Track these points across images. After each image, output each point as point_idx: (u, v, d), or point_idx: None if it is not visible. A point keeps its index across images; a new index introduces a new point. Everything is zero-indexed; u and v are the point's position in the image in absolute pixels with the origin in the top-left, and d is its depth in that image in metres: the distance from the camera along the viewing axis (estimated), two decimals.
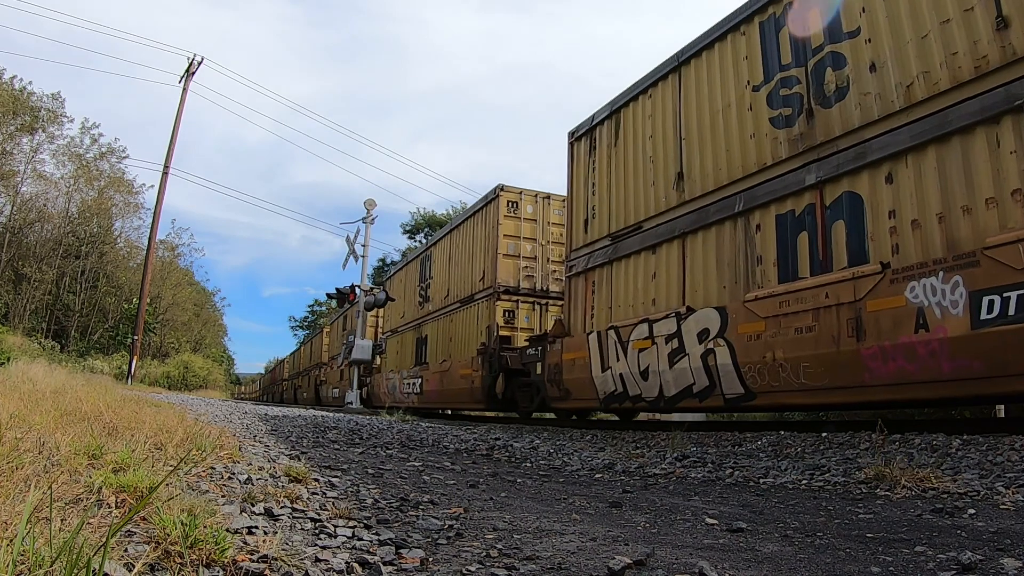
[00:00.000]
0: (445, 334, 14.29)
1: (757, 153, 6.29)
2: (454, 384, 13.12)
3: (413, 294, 17.25)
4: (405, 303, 17.90)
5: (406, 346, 17.23)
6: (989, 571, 1.66)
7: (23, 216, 32.08)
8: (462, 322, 13.33)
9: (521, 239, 12.29)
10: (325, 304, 56.82)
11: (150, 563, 1.38)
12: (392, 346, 18.62)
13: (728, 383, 6.18)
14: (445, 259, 15.11)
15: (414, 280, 17.45)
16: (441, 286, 15.06)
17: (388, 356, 18.91)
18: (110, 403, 4.84)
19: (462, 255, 13.98)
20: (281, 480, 2.75)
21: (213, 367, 43.00)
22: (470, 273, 13.30)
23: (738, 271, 6.27)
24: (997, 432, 4.41)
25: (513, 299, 12.12)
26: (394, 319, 19.09)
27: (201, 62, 24.91)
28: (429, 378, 14.83)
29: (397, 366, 17.80)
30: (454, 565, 1.69)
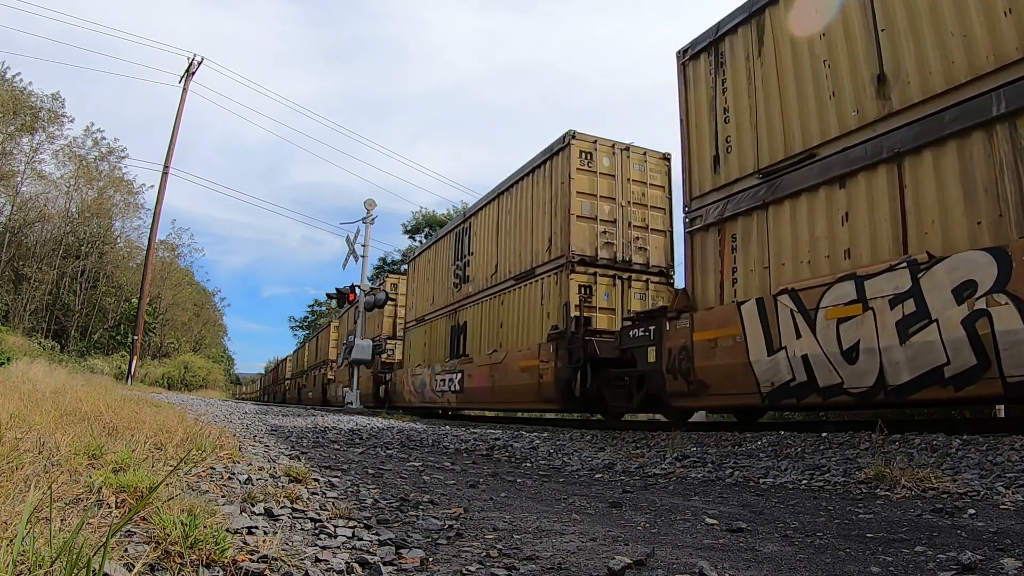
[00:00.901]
0: (493, 319, 11.99)
1: (1020, 33, 4.44)
2: (511, 379, 10.69)
3: (445, 276, 14.88)
4: (435, 287, 15.52)
5: (437, 336, 14.88)
6: (989, 571, 1.66)
7: (23, 216, 32.09)
8: (519, 303, 11.09)
9: (598, 198, 9.97)
10: (325, 304, 56.81)
11: (150, 563, 1.38)
12: (417, 338, 16.37)
13: (1016, 359, 4.22)
14: (490, 229, 12.66)
15: (446, 259, 14.99)
16: (486, 262, 12.72)
17: (413, 349, 16.69)
18: (110, 403, 4.84)
19: (517, 222, 11.58)
20: (281, 480, 2.75)
21: (213, 367, 43.03)
22: (529, 242, 10.98)
23: (1008, 198, 4.45)
24: (997, 432, 4.41)
25: (590, 271, 9.78)
26: (420, 307, 16.66)
27: (201, 62, 24.94)
28: (473, 373, 12.29)
29: (426, 360, 15.43)
30: (454, 565, 1.69)
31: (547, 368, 9.64)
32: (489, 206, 12.90)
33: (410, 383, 16.10)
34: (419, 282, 17.08)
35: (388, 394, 18.14)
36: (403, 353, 17.79)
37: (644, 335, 7.66)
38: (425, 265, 16.65)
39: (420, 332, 16.19)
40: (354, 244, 20.04)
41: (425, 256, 16.90)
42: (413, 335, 16.84)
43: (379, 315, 21.06)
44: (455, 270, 14.27)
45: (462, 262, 13.96)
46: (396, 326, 20.53)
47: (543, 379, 9.73)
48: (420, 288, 16.79)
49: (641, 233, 10.29)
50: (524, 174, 11.49)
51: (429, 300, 15.78)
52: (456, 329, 13.68)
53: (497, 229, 12.39)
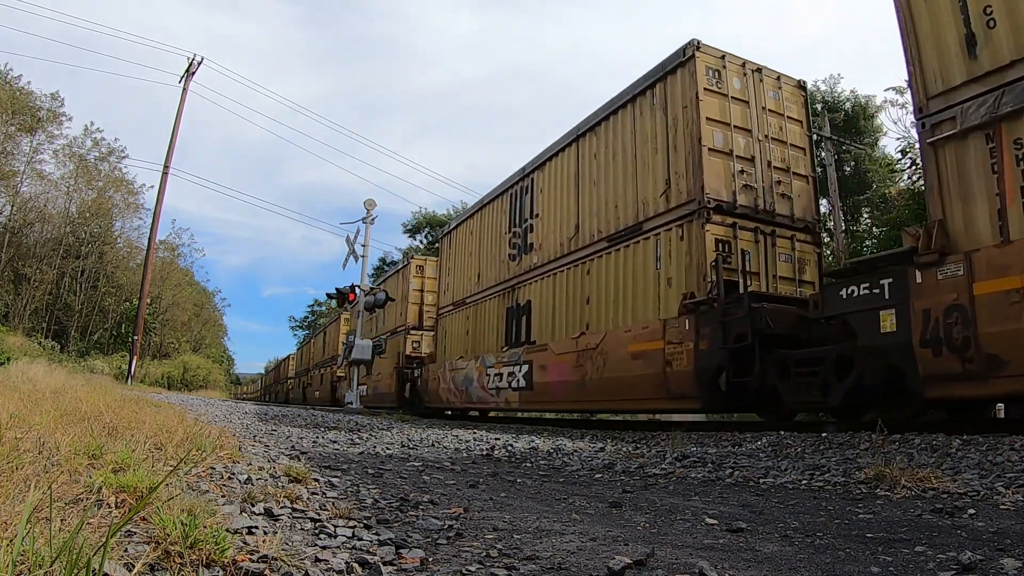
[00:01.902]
0: (573, 294, 9.58)
1: None
2: (615, 369, 8.24)
3: (496, 248, 12.44)
4: (481, 262, 13.12)
5: (485, 321, 12.53)
6: (989, 571, 1.66)
7: (23, 216, 32.10)
8: (615, 270, 8.70)
9: (731, 128, 7.76)
10: (325, 304, 56.81)
11: (150, 563, 1.38)
12: (456, 325, 14.05)
13: None
14: (564, 182, 10.23)
15: (497, 228, 12.54)
16: (559, 224, 10.19)
17: (450, 339, 14.36)
18: (110, 403, 4.84)
19: (609, 167, 9.13)
20: (281, 480, 2.75)
21: (213, 367, 43.05)
22: (631, 190, 8.60)
23: None
24: (997, 432, 4.41)
25: (728, 222, 7.46)
26: (459, 288, 14.13)
27: (201, 62, 24.94)
28: (548, 364, 9.76)
29: (469, 351, 13.01)
30: (454, 565, 1.69)
31: (679, 352, 7.13)
32: (562, 155, 10.35)
33: (448, 379, 13.50)
34: (457, 259, 14.58)
35: (418, 393, 15.77)
36: (435, 344, 15.34)
37: (871, 294, 5.39)
38: (465, 238, 14.12)
39: (460, 318, 13.73)
40: (354, 244, 19.99)
41: (465, 228, 14.22)
42: (450, 322, 14.35)
43: (401, 303, 18.65)
44: (511, 239, 11.72)
45: (521, 228, 11.38)
46: (423, 314, 17.97)
47: (673, 367, 7.20)
48: (459, 266, 14.36)
49: (783, 177, 8.03)
50: (619, 106, 8.99)
51: (472, 279, 13.36)
52: (515, 311, 11.15)
53: (577, 180, 9.79)
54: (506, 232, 12.18)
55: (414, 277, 18.36)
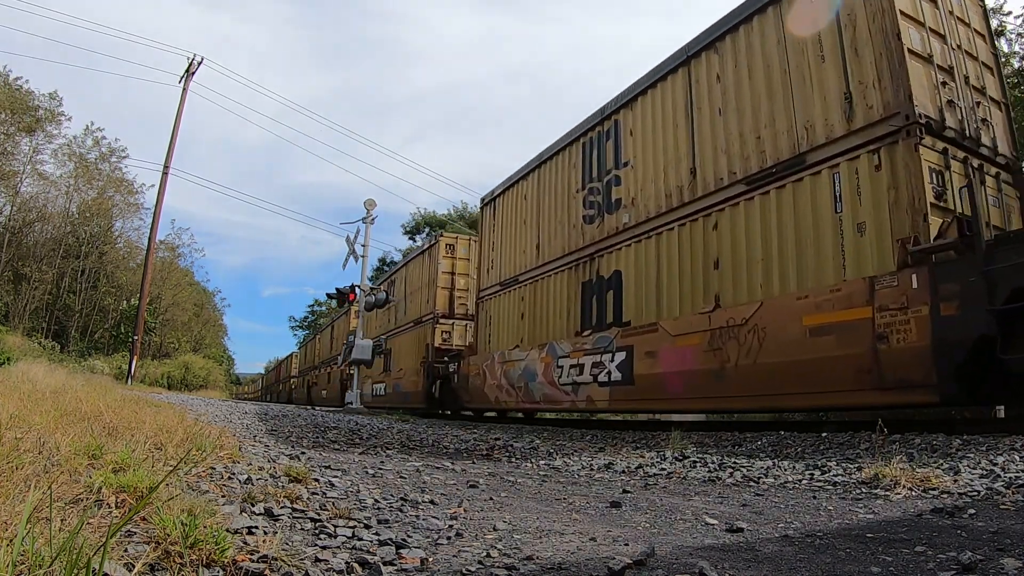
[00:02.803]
0: (689, 258, 7.42)
1: None
2: (787, 351, 6.00)
3: (563, 210, 10.23)
4: (540, 231, 10.85)
5: (549, 302, 10.25)
6: (989, 571, 1.66)
7: (23, 216, 32.12)
8: (765, 219, 6.55)
9: (926, 30, 6.05)
10: (325, 304, 56.80)
11: (150, 563, 1.38)
12: (506, 308, 11.69)
13: None
14: (672, 115, 8.06)
15: (565, 185, 10.25)
16: (663, 170, 8.05)
17: (497, 326, 11.98)
18: (110, 403, 4.84)
19: (749, 85, 7.03)
20: (281, 480, 2.75)
21: (213, 367, 43.00)
22: (786, 111, 6.55)
23: None
24: (997, 432, 4.41)
25: (938, 148, 5.66)
26: (508, 264, 11.78)
27: (201, 62, 24.92)
28: (662, 349, 7.48)
29: (527, 338, 10.67)
30: (454, 565, 1.69)
31: (902, 321, 5.14)
32: (662, 85, 8.25)
33: (499, 374, 11.16)
34: (504, 231, 12.18)
35: (452, 392, 13.43)
36: (476, 333, 12.82)
37: None
38: (515, 204, 11.79)
39: (511, 300, 11.42)
40: (354, 244, 20.00)
41: (516, 192, 11.83)
42: (497, 305, 11.96)
43: (428, 288, 15.99)
44: (586, 198, 9.50)
45: (601, 183, 9.20)
46: (454, 300, 15.40)
47: (891, 343, 5.16)
48: (507, 239, 11.99)
49: (980, 98, 6.41)
50: (752, 11, 7.10)
51: (527, 252, 11.15)
52: (594, 285, 9.00)
53: (689, 112, 7.72)
54: (578, 190, 9.77)
55: (443, 258, 15.44)
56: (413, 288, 17.41)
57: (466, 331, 14.97)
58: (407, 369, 16.45)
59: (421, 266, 17.05)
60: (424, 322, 15.84)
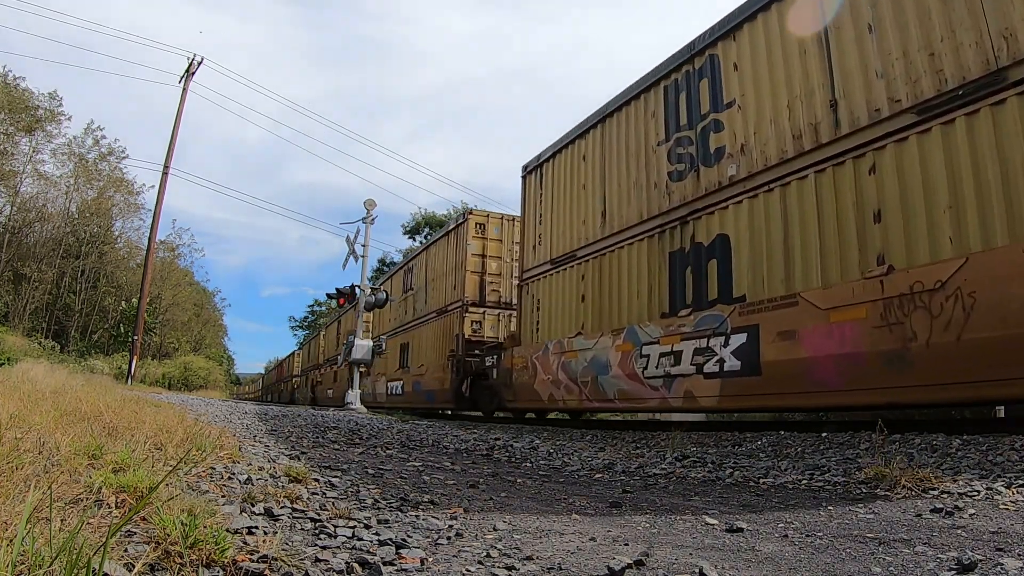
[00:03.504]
0: (834, 211, 5.93)
1: None
2: (1011, 323, 4.48)
3: (637, 169, 8.42)
4: (609, 195, 8.99)
5: (620, 279, 8.48)
6: (989, 571, 1.66)
7: (23, 216, 32.13)
8: (950, 155, 5.26)
9: None
10: (325, 304, 56.80)
11: (150, 563, 1.38)
12: (555, 291, 9.87)
13: None
14: (794, 38, 6.52)
15: (639, 139, 8.52)
16: (785, 106, 6.52)
17: (547, 311, 10.03)
18: (110, 403, 4.84)
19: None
20: (281, 480, 2.75)
21: (213, 367, 42.99)
22: (976, 19, 5.17)
23: None
24: (997, 432, 4.41)
25: None
26: (558, 239, 10.09)
27: (201, 62, 24.93)
28: (805, 329, 5.92)
29: (590, 324, 8.85)
30: (454, 565, 1.69)
31: None
32: (780, 4, 6.76)
33: (554, 368, 9.40)
34: (556, 201, 10.30)
35: (491, 389, 11.60)
36: (520, 320, 10.91)
37: None
38: (573, 168, 9.93)
39: (566, 280, 9.65)
40: (354, 244, 20.01)
41: (571, 154, 10.04)
42: (546, 288, 10.17)
43: (456, 272, 14.09)
44: (672, 150, 7.80)
45: (695, 131, 7.49)
46: (484, 286, 13.67)
47: None
48: (561, 209, 10.13)
49: None
50: None
51: (590, 221, 9.28)
52: (687, 255, 7.33)
53: (823, 32, 6.24)
54: (659, 143, 8.12)
55: (473, 238, 13.66)
56: (436, 274, 15.51)
57: (498, 321, 13.53)
58: (430, 365, 14.45)
59: (446, 249, 15.17)
60: (450, 311, 14.00)
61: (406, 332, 17.40)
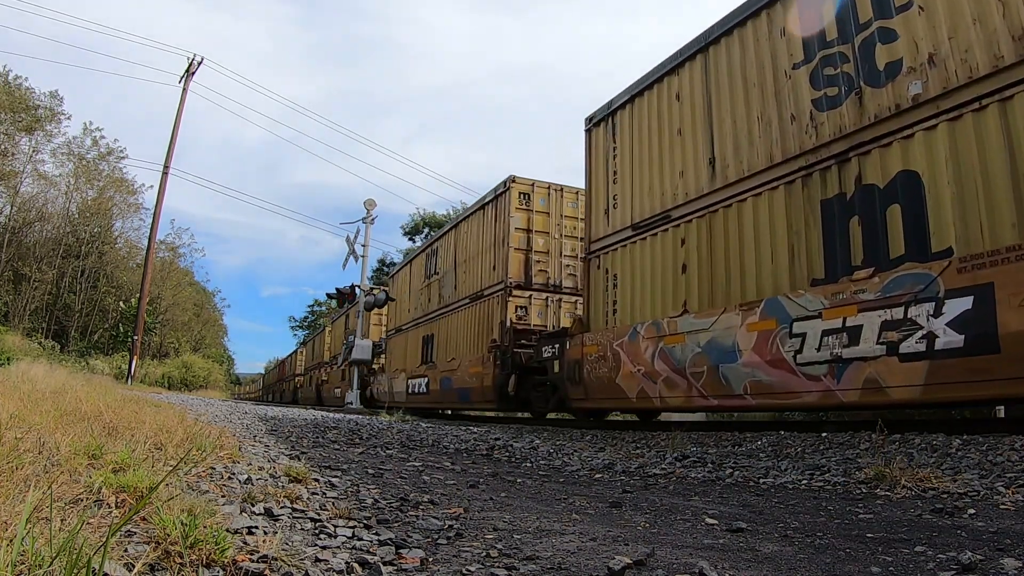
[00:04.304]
0: None
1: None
2: None
3: (766, 101, 6.62)
4: (719, 139, 7.13)
5: (748, 238, 6.61)
6: (989, 571, 1.66)
7: (23, 216, 32.13)
8: None
9: None
10: (325, 304, 56.77)
11: (150, 563, 1.38)
12: (640, 260, 8.03)
13: None
14: None
15: (769, 61, 6.62)
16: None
17: (626, 288, 8.24)
18: (110, 403, 4.84)
19: None
20: (281, 480, 2.75)
21: (213, 367, 43.00)
22: None
23: None
24: (997, 432, 4.41)
25: None
26: (644, 197, 8.14)
27: (201, 62, 24.94)
28: None
29: (698, 300, 7.01)
30: (454, 565, 1.69)
31: None
32: None
33: (648, 357, 7.38)
34: (639, 152, 8.41)
35: (549, 387, 9.93)
36: (587, 301, 8.96)
37: None
38: (662, 110, 8.06)
39: (657, 248, 7.80)
40: (354, 244, 20.06)
41: (657, 95, 8.18)
42: (628, 259, 8.30)
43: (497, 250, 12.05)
44: (818, 72, 6.09)
45: (853, 44, 5.80)
46: (530, 266, 11.71)
47: None
48: (645, 162, 8.26)
49: None
50: None
51: (691, 173, 7.43)
52: (850, 203, 5.66)
53: None
54: (795, 65, 6.38)
55: (516, 210, 11.79)
56: (469, 254, 13.46)
57: (546, 306, 11.77)
58: (464, 359, 12.56)
59: (481, 224, 13.09)
60: (488, 296, 12.11)
61: (430, 323, 15.27)
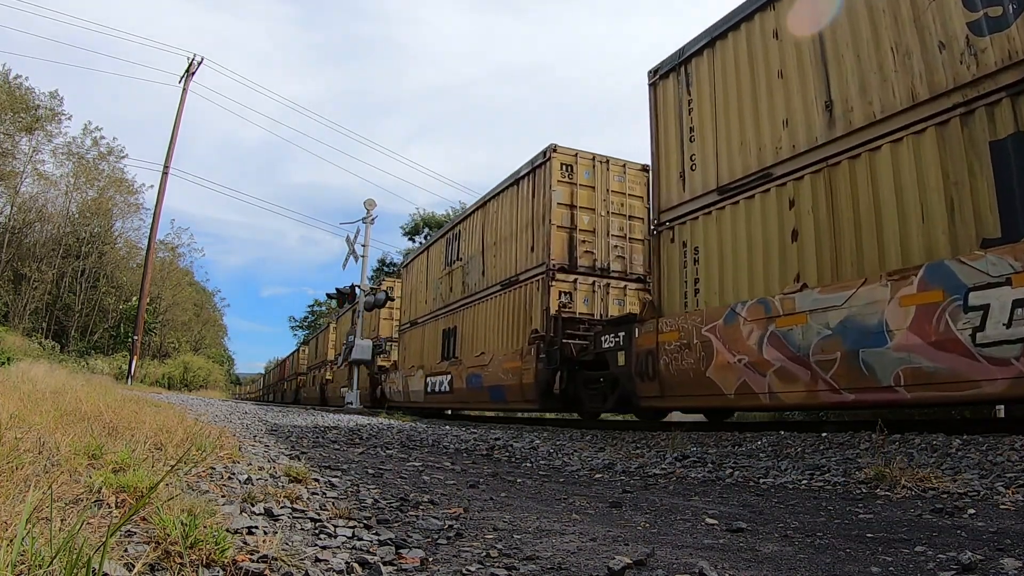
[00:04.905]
0: None
1: None
2: None
3: (914, 25, 5.42)
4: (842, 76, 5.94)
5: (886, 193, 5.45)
6: (989, 571, 1.66)
7: (23, 216, 32.13)
8: None
9: None
10: (325, 304, 56.75)
11: (150, 563, 1.38)
12: (726, 230, 6.88)
13: None
14: None
15: None
16: None
17: (708, 263, 7.05)
18: (110, 403, 4.84)
19: None
20: (281, 480, 2.75)
21: (213, 367, 43.02)
22: None
23: None
24: (997, 432, 4.41)
25: None
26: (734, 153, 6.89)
27: (201, 62, 24.95)
28: None
29: (816, 273, 5.82)
30: (454, 565, 1.69)
31: None
32: None
33: (754, 343, 6.17)
34: (726, 102, 7.22)
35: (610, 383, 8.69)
36: (658, 283, 7.76)
37: None
38: (756, 51, 6.91)
39: (754, 213, 6.63)
40: (354, 244, 20.06)
41: (749, 33, 6.98)
42: (714, 228, 7.10)
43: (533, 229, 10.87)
44: None
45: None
46: (574, 246, 10.50)
47: None
48: (737, 112, 7.07)
49: None
50: None
51: (800, 119, 6.27)
52: None
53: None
54: None
55: (558, 184, 10.48)
56: (500, 236, 12.09)
57: (593, 292, 10.44)
58: (497, 353, 11.18)
59: (514, 201, 11.77)
60: (526, 281, 10.75)
61: (451, 314, 13.92)
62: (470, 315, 13.03)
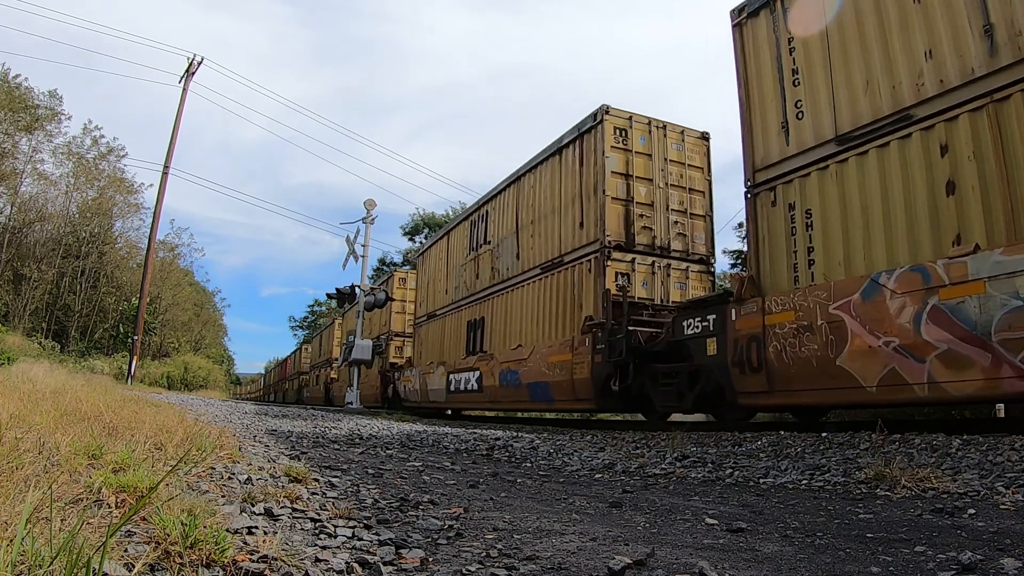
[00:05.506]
0: None
1: None
2: None
3: None
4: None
5: None
6: (989, 571, 1.66)
7: (23, 216, 32.13)
8: None
9: None
10: (325, 304, 56.77)
11: (150, 563, 1.38)
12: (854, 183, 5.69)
13: None
14: None
15: None
16: None
17: (827, 229, 5.90)
18: (110, 403, 4.84)
19: None
20: (281, 480, 2.75)
21: (213, 367, 43.00)
22: None
23: None
24: (997, 432, 4.41)
25: None
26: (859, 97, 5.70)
27: (201, 62, 24.95)
28: None
29: None
30: (454, 565, 1.69)
31: None
32: None
33: (913, 322, 4.94)
34: (842, 37, 6.04)
35: (690, 378, 7.44)
36: (758, 256, 6.60)
37: None
38: None
39: (892, 164, 5.53)
40: (354, 244, 20.05)
41: None
42: (830, 186, 6.02)
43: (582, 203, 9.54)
44: None
45: None
46: (631, 221, 9.27)
47: None
48: (858, 47, 5.93)
49: None
50: None
51: (950, 51, 5.09)
52: None
53: None
54: None
55: (612, 149, 9.28)
56: (539, 213, 10.68)
57: (652, 274, 9.19)
58: (539, 346, 9.92)
59: (557, 172, 10.30)
60: (573, 261, 9.51)
61: (478, 304, 12.60)
62: (501, 304, 11.65)
